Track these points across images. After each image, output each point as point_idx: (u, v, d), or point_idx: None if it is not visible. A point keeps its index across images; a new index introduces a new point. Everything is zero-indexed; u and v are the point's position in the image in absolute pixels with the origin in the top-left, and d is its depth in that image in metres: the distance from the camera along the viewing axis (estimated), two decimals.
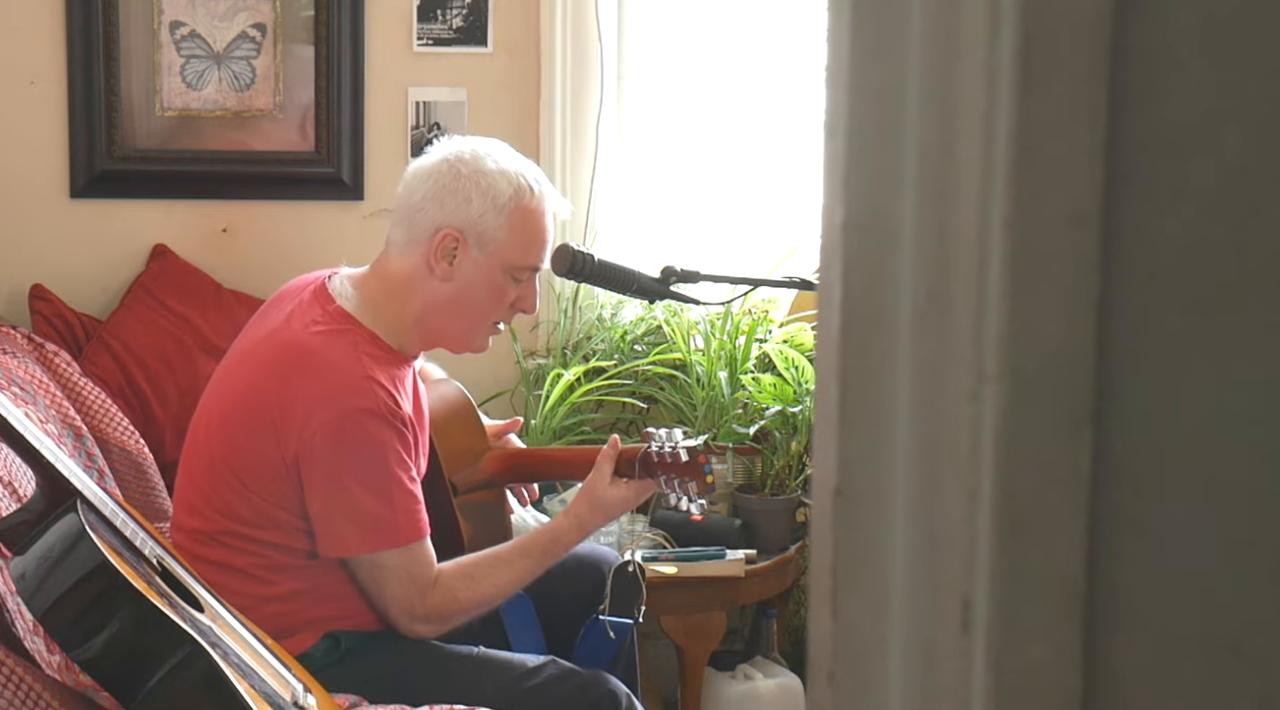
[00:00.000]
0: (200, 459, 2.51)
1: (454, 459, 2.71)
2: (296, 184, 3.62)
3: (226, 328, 3.39)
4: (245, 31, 3.56)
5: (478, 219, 2.48)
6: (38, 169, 3.54)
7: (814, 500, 0.84)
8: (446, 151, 2.53)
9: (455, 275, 2.50)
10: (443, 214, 2.48)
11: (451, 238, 2.48)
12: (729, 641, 3.47)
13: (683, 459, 2.54)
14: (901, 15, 0.76)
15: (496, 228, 2.48)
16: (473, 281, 2.50)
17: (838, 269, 0.79)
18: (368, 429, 2.38)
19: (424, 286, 2.51)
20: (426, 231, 2.49)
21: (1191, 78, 0.74)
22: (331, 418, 2.37)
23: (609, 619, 2.60)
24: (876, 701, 0.80)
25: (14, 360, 2.95)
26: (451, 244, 2.48)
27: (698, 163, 3.74)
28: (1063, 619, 0.76)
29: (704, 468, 2.55)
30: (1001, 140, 0.73)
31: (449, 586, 2.48)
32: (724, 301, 3.25)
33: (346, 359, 2.42)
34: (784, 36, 3.68)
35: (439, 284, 2.50)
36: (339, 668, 2.44)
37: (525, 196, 2.50)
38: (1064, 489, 0.75)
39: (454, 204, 2.48)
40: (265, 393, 2.42)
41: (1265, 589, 0.76)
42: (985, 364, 0.75)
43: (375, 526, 2.42)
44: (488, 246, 2.49)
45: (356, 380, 2.39)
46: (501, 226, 2.48)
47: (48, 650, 2.07)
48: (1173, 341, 0.75)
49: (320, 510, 2.42)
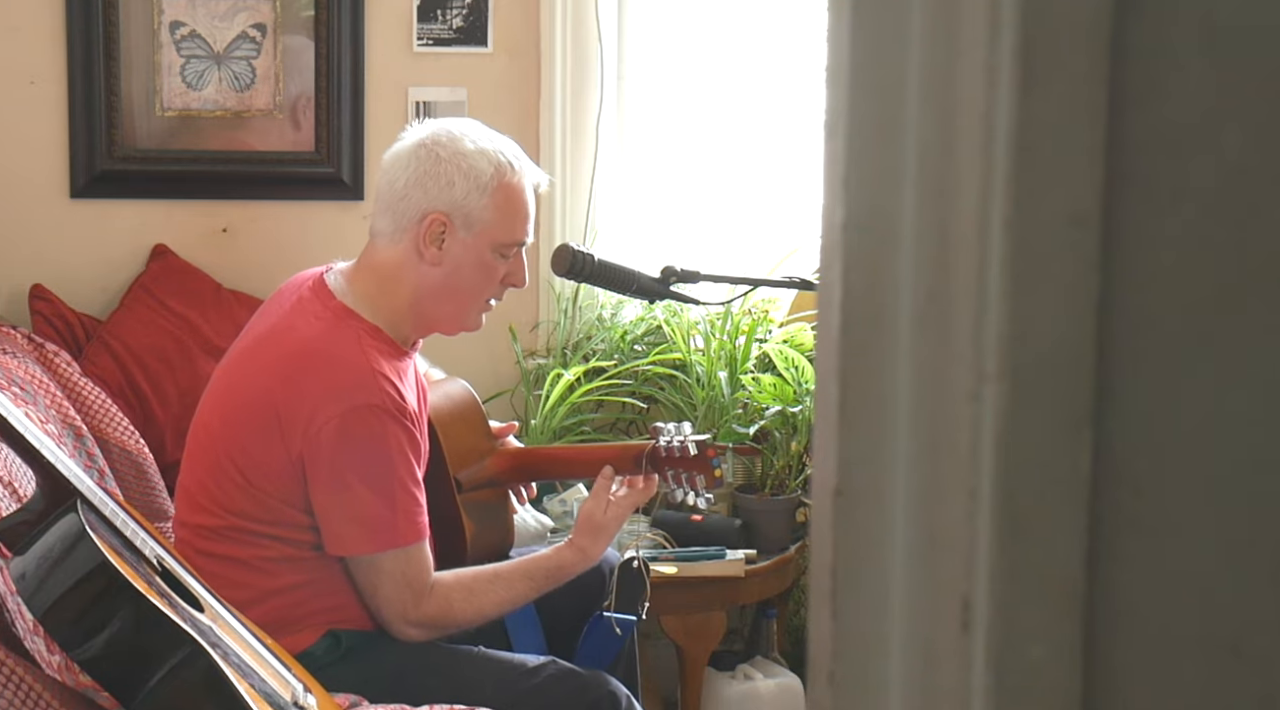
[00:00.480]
0: (204, 456, 2.51)
1: (459, 456, 2.71)
2: (296, 184, 3.62)
3: (226, 328, 3.39)
4: (245, 31, 3.56)
5: (462, 200, 2.49)
6: (38, 169, 3.54)
7: (814, 500, 0.84)
8: (422, 135, 2.53)
9: (445, 259, 2.50)
10: (427, 199, 2.49)
11: (439, 222, 2.49)
12: (729, 641, 3.47)
13: (691, 452, 2.57)
14: (901, 15, 0.76)
15: (481, 207, 2.49)
16: (462, 263, 2.51)
17: (838, 269, 0.79)
18: (374, 425, 2.39)
19: (415, 273, 2.51)
20: (413, 218, 2.50)
21: (1191, 78, 0.74)
22: (338, 413, 2.37)
23: (613, 615, 2.61)
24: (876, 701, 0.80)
25: (14, 360, 2.95)
26: (439, 228, 2.49)
27: (697, 163, 3.74)
28: (1063, 619, 0.76)
29: (713, 461, 2.57)
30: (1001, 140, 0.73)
31: (446, 596, 2.48)
32: (724, 301, 3.25)
33: (352, 353, 2.42)
34: (784, 36, 3.68)
35: (429, 269, 2.51)
36: (339, 666, 2.44)
37: (507, 173, 2.51)
38: (1064, 489, 0.75)
39: (437, 188, 2.48)
40: (270, 389, 2.42)
41: (1265, 589, 0.76)
42: (985, 364, 0.74)
43: (374, 527, 2.42)
44: (474, 227, 2.50)
45: (364, 375, 2.40)
46: (486, 206, 2.49)
47: (48, 650, 2.07)
48: (1173, 341, 0.75)
49: (322, 507, 2.42)
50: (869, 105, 0.77)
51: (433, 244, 2.49)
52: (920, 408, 0.77)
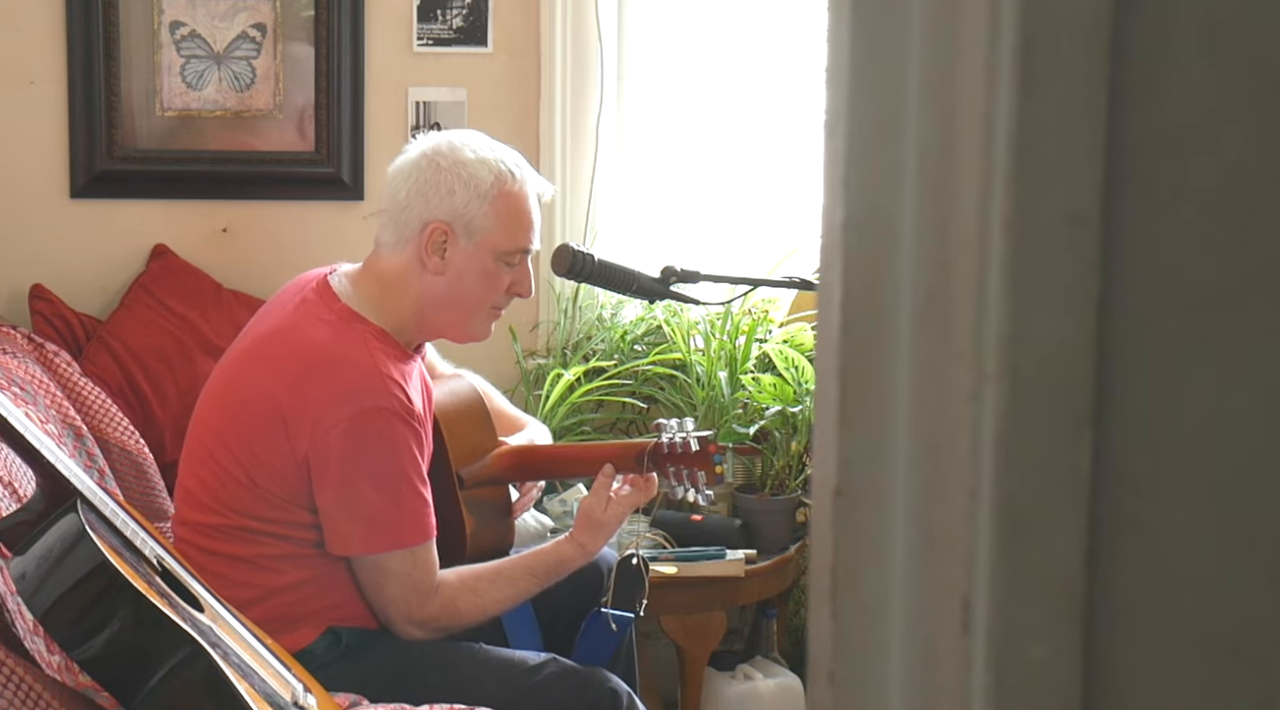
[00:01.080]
0: (206, 455, 2.50)
1: (462, 453, 2.71)
2: (296, 184, 3.62)
3: (226, 328, 3.39)
4: (245, 31, 3.56)
5: (463, 209, 2.49)
6: (38, 169, 3.54)
7: (814, 500, 0.84)
8: (424, 147, 2.55)
9: (448, 267, 2.51)
10: (428, 208, 2.50)
11: (440, 231, 2.49)
12: (729, 641, 3.47)
13: (693, 448, 2.58)
14: (901, 15, 0.76)
15: (482, 215, 2.50)
16: (465, 271, 2.52)
17: (838, 269, 0.79)
18: (382, 428, 2.39)
19: (418, 281, 2.52)
20: (415, 228, 2.50)
21: (1191, 78, 0.74)
22: (346, 416, 2.37)
23: (611, 611, 2.61)
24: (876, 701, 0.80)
25: (14, 360, 2.95)
26: (440, 237, 2.50)
27: (697, 163, 3.74)
28: (1063, 619, 0.76)
29: (714, 458, 2.58)
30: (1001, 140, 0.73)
31: (451, 597, 2.49)
32: (724, 301, 3.25)
33: (360, 356, 2.43)
34: (784, 36, 3.68)
35: (432, 278, 2.51)
36: (340, 665, 2.44)
37: (507, 181, 2.52)
38: (1064, 489, 0.75)
39: (438, 197, 2.49)
40: (275, 391, 2.42)
41: (1265, 589, 0.76)
42: (985, 364, 0.74)
43: (381, 527, 2.43)
44: (475, 235, 2.50)
45: (372, 378, 2.40)
46: (487, 213, 2.50)
47: (48, 650, 2.07)
48: (1173, 341, 0.75)
49: (328, 508, 2.42)
50: (869, 105, 0.77)
51: (435, 253, 2.50)
52: (920, 408, 0.77)
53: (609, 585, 2.64)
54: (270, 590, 2.45)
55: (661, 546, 3.15)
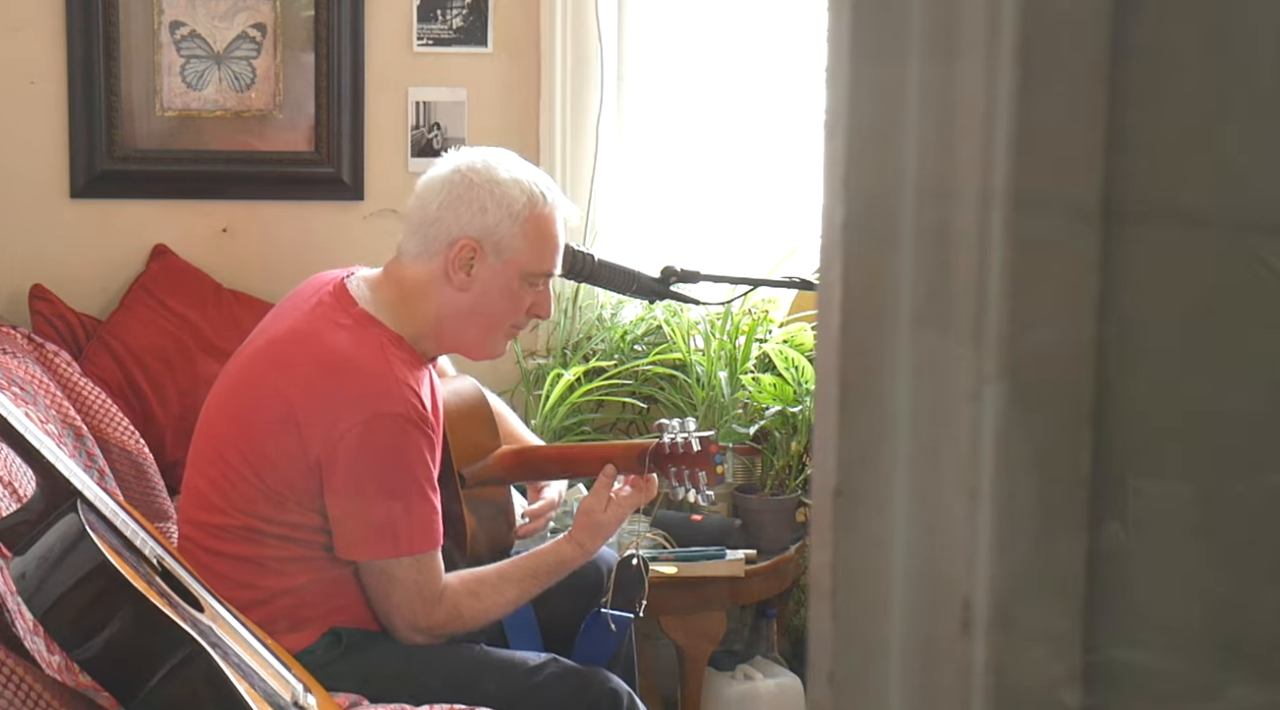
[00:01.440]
0: (215, 455, 2.50)
1: (464, 452, 2.71)
2: (296, 184, 3.62)
3: (226, 328, 3.39)
4: (245, 32, 3.56)
5: (494, 227, 2.49)
6: (38, 169, 3.54)
7: (814, 500, 0.84)
8: (458, 162, 2.54)
9: (473, 284, 2.51)
10: (459, 224, 2.49)
11: (469, 247, 2.49)
12: (729, 641, 3.47)
13: (694, 448, 2.59)
14: (901, 15, 0.76)
15: (512, 236, 2.50)
16: (490, 289, 2.52)
17: (838, 269, 0.79)
18: (396, 433, 2.39)
19: (440, 294, 2.51)
20: (443, 242, 2.50)
21: (1191, 78, 0.74)
22: (361, 421, 2.37)
23: (610, 612, 2.61)
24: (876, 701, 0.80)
25: (14, 360, 2.95)
26: (469, 254, 2.49)
27: (698, 163, 3.74)
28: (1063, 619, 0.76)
29: (715, 458, 2.58)
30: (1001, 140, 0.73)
31: (455, 602, 2.49)
32: (724, 301, 3.25)
33: (376, 360, 2.42)
34: (784, 36, 3.68)
35: (456, 293, 2.51)
36: (340, 665, 2.44)
37: (539, 204, 2.52)
38: (1064, 489, 0.75)
39: (469, 214, 2.49)
40: (289, 393, 2.41)
41: (1265, 589, 0.76)
42: (985, 364, 0.74)
43: (390, 533, 2.42)
44: (504, 254, 2.50)
45: (388, 383, 2.40)
46: (517, 234, 2.50)
47: (48, 650, 2.07)
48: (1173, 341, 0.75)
49: (337, 512, 2.42)
50: (869, 105, 0.77)
51: (462, 269, 2.50)
52: (920, 408, 0.77)
53: (609, 585, 2.64)
54: (274, 592, 2.45)
55: (661, 546, 3.15)
